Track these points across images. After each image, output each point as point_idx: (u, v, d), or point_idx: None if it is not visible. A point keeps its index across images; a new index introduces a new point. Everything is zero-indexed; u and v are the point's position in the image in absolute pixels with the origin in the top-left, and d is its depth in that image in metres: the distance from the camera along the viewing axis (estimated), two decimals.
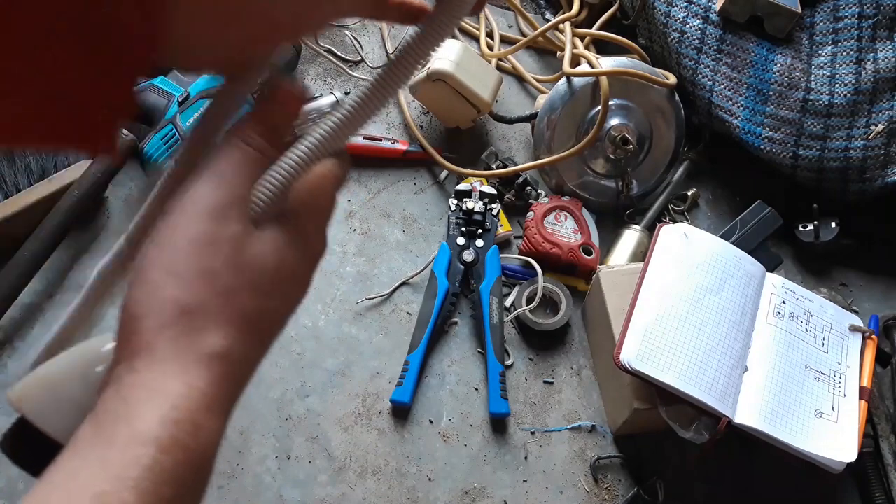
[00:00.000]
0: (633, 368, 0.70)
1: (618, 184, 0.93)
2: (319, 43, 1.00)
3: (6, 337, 0.76)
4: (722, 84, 0.92)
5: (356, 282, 0.86)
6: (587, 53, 0.92)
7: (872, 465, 0.80)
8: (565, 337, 0.87)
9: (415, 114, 0.98)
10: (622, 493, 0.78)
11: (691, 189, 0.97)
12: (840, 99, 0.89)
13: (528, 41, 1.01)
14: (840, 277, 0.96)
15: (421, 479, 0.76)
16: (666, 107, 0.92)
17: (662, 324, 0.73)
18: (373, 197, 0.92)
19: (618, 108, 0.90)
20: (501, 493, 0.77)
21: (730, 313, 0.76)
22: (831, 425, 0.73)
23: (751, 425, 0.71)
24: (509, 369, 0.83)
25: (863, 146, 0.89)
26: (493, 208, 0.89)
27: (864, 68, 0.89)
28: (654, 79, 0.90)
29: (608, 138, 0.90)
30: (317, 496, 0.74)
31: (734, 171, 0.99)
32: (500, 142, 0.98)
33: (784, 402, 0.73)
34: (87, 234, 0.82)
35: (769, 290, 0.80)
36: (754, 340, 0.77)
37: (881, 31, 0.90)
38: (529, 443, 0.80)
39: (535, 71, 1.05)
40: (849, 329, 0.81)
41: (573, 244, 0.88)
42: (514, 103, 1.02)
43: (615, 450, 0.80)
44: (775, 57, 0.92)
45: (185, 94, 0.86)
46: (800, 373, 0.76)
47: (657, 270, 0.77)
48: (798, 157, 0.90)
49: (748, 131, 0.91)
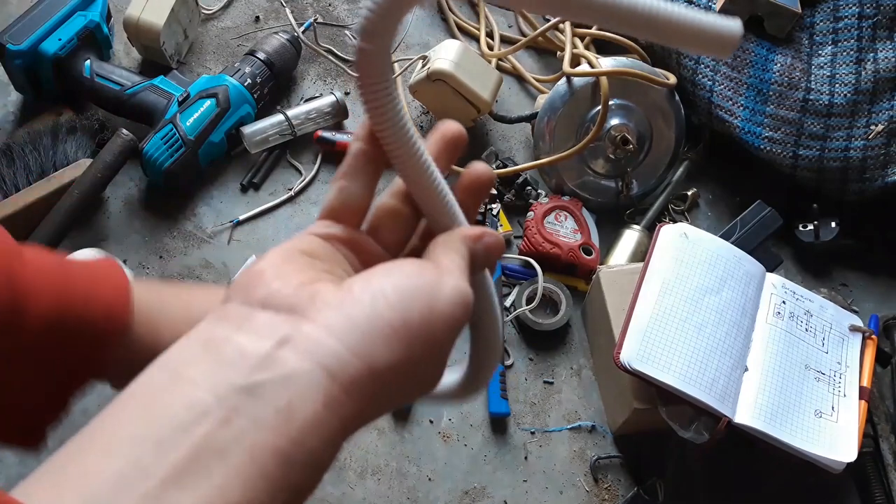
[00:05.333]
0: (633, 368, 0.70)
1: (618, 184, 0.93)
2: (319, 43, 1.00)
3: None
4: (722, 84, 0.92)
5: None
6: (587, 53, 0.92)
7: (872, 465, 0.80)
8: (565, 337, 0.87)
9: (415, 114, 0.98)
10: (622, 493, 0.78)
11: (691, 189, 0.97)
12: (840, 99, 0.89)
13: (528, 41, 1.01)
14: (840, 277, 0.96)
15: (421, 479, 0.76)
16: (666, 107, 0.92)
17: (662, 324, 0.73)
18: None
19: (618, 108, 0.90)
20: (501, 493, 0.77)
21: (730, 313, 0.76)
22: (831, 425, 0.73)
23: (751, 425, 0.71)
24: (509, 369, 0.83)
25: (863, 146, 0.89)
26: (493, 208, 0.89)
27: (864, 68, 0.89)
28: (654, 79, 0.90)
29: (608, 138, 0.90)
30: (316, 496, 0.73)
31: (734, 171, 0.99)
32: (500, 142, 0.98)
33: (784, 401, 0.73)
34: (87, 234, 0.82)
35: (769, 290, 0.80)
36: (754, 340, 0.77)
37: (881, 31, 0.90)
38: (529, 443, 0.80)
39: (535, 71, 1.05)
40: (849, 329, 0.81)
41: (573, 244, 0.88)
42: (514, 103, 1.02)
43: (615, 450, 0.80)
44: (775, 57, 0.92)
45: (185, 93, 0.86)
46: (800, 373, 0.76)
47: (657, 270, 0.77)
48: (798, 156, 0.90)
49: (748, 131, 0.91)
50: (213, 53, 0.98)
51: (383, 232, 0.34)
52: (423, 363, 0.28)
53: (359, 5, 1.05)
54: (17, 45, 0.82)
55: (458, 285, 0.29)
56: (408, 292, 0.28)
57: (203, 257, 0.84)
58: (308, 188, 0.91)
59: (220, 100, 0.86)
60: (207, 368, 0.26)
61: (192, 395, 0.25)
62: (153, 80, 0.87)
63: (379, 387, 0.27)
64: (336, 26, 1.03)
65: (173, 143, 0.83)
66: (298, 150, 0.93)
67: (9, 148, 0.81)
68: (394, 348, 0.27)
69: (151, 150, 0.82)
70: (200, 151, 0.85)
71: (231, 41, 0.99)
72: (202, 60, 0.97)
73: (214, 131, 0.86)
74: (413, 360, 0.27)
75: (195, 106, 0.85)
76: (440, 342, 0.28)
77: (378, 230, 0.34)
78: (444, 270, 0.29)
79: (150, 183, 0.86)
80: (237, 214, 0.87)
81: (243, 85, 0.88)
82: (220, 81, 0.87)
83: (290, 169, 0.92)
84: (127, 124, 0.86)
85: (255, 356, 0.26)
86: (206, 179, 0.89)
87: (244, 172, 0.90)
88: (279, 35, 0.94)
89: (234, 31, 1.00)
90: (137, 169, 0.85)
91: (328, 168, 0.92)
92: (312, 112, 0.92)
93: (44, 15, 0.84)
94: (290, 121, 0.90)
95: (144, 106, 0.86)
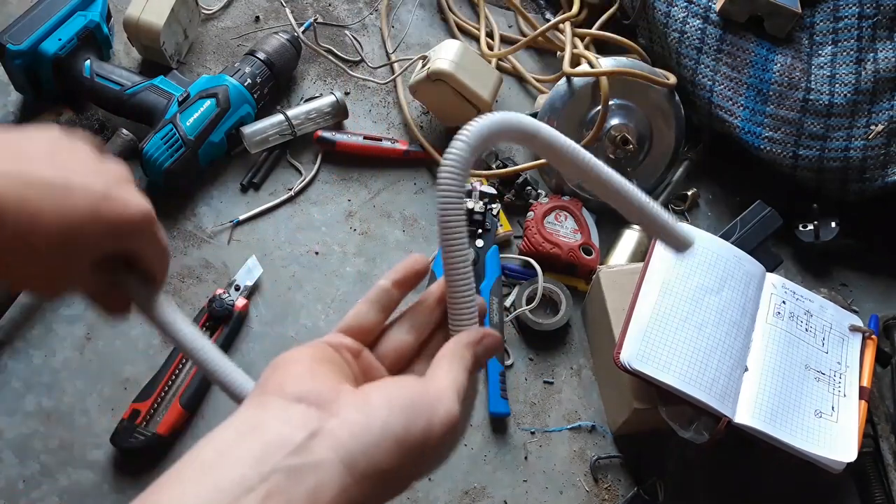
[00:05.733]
0: (633, 368, 0.70)
1: None
2: (319, 43, 1.00)
3: (6, 337, 0.76)
4: (722, 84, 0.92)
5: (356, 282, 0.86)
6: (587, 53, 0.92)
7: (872, 465, 0.80)
8: (565, 337, 0.87)
9: (415, 114, 0.98)
10: (622, 493, 0.78)
11: (691, 189, 0.97)
12: (840, 99, 0.89)
13: (528, 41, 1.01)
14: (840, 277, 0.96)
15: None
16: (666, 107, 0.92)
17: (662, 324, 0.73)
18: (373, 197, 0.92)
19: (618, 108, 0.90)
20: (501, 493, 0.77)
21: (730, 313, 0.76)
22: (831, 425, 0.73)
23: (751, 425, 0.71)
24: (509, 369, 0.83)
25: (863, 146, 0.89)
26: (493, 208, 0.89)
27: (864, 68, 0.89)
28: (654, 79, 0.90)
29: (608, 138, 0.90)
30: None
31: (734, 171, 0.99)
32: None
33: (784, 401, 0.73)
34: None
35: (769, 290, 0.80)
36: (754, 340, 0.77)
37: (881, 31, 0.90)
38: (529, 443, 0.80)
39: (535, 71, 1.05)
40: (849, 329, 0.81)
41: (573, 244, 0.88)
42: (514, 103, 1.02)
43: (615, 450, 0.80)
44: (775, 57, 0.92)
45: (185, 93, 0.86)
46: (800, 373, 0.76)
47: (657, 270, 0.77)
48: (798, 156, 0.90)
49: (748, 131, 0.91)
50: (213, 53, 0.98)
51: (385, 352, 0.42)
52: (415, 470, 0.36)
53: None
54: (17, 45, 0.82)
55: (450, 411, 0.35)
56: (412, 410, 0.34)
57: (203, 257, 0.84)
58: (308, 188, 0.91)
59: (220, 100, 0.86)
60: (255, 446, 0.31)
61: (240, 472, 0.30)
62: (153, 80, 0.87)
63: (378, 481, 0.33)
64: (336, 26, 1.03)
65: (173, 143, 0.83)
66: (298, 150, 0.93)
67: None
68: (393, 458, 0.33)
69: (151, 149, 0.82)
70: (200, 151, 0.85)
71: (231, 41, 0.99)
72: (202, 60, 0.97)
73: (214, 131, 0.86)
74: (406, 467, 0.34)
75: (195, 106, 0.85)
76: (430, 457, 0.35)
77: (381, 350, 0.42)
78: (441, 395, 0.36)
79: (150, 183, 0.86)
80: (237, 214, 0.87)
81: (243, 85, 0.88)
82: (220, 81, 0.87)
83: (290, 169, 0.92)
84: (127, 124, 0.86)
85: (292, 443, 0.31)
86: (206, 179, 0.89)
87: (244, 172, 0.90)
88: (279, 35, 0.94)
89: (234, 31, 1.00)
90: (137, 169, 0.85)
91: (328, 168, 0.92)
92: (312, 112, 0.92)
93: (44, 15, 0.84)
94: (290, 121, 0.90)
95: (144, 106, 0.86)
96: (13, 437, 0.72)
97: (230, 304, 0.79)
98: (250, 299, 0.82)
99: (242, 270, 0.82)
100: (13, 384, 0.74)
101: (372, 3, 1.06)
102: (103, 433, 0.73)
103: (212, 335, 0.78)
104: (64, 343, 0.77)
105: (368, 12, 1.05)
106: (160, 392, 0.74)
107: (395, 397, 0.35)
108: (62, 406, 0.74)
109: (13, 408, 0.73)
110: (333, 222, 0.89)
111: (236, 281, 0.82)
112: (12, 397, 0.74)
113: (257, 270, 0.83)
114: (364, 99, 0.98)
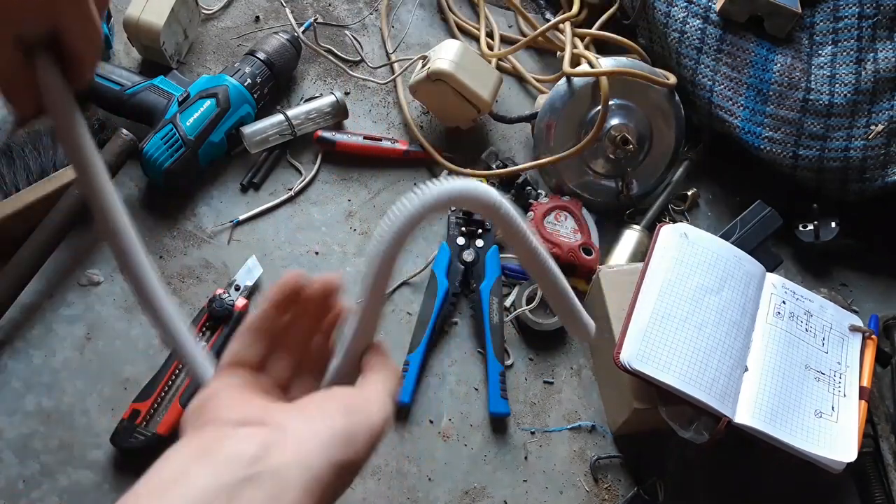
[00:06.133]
0: (633, 368, 0.70)
1: (618, 184, 0.93)
2: (319, 43, 1.00)
3: (6, 337, 0.76)
4: (722, 84, 0.92)
5: (356, 282, 0.86)
6: (587, 53, 0.92)
7: (872, 465, 0.80)
8: (565, 337, 0.87)
9: (415, 114, 0.98)
10: (622, 493, 0.78)
11: (691, 189, 0.97)
12: (840, 99, 0.89)
13: (528, 41, 1.01)
14: (840, 277, 0.96)
15: (421, 479, 0.76)
16: (666, 107, 0.92)
17: (662, 324, 0.73)
18: (373, 197, 0.92)
19: (618, 108, 0.90)
20: (501, 493, 0.77)
21: (730, 313, 0.76)
22: (831, 425, 0.73)
23: (751, 425, 0.71)
24: (509, 369, 0.83)
25: (863, 146, 0.89)
26: None
27: (864, 68, 0.89)
28: (654, 79, 0.90)
29: (608, 138, 0.90)
30: None
31: (734, 171, 0.99)
32: (500, 142, 0.98)
33: (784, 401, 0.73)
34: (87, 234, 0.82)
35: (769, 290, 0.80)
36: (754, 340, 0.77)
37: (881, 31, 0.90)
38: (529, 443, 0.80)
39: (535, 71, 1.05)
40: (849, 329, 0.81)
41: (573, 244, 0.88)
42: (514, 103, 1.02)
43: (615, 450, 0.80)
44: (775, 57, 0.92)
45: (185, 93, 0.86)
46: (800, 373, 0.76)
47: (657, 270, 0.77)
48: (798, 157, 0.90)
49: (748, 131, 0.91)
50: (213, 53, 0.98)
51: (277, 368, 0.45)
52: (360, 459, 0.38)
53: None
54: None
55: (383, 407, 0.39)
56: (351, 409, 0.38)
57: (203, 257, 0.84)
58: (308, 188, 0.91)
59: (220, 100, 0.86)
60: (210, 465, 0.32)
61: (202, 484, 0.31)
62: (153, 80, 0.87)
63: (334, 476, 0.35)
64: (336, 26, 1.03)
65: (173, 143, 0.83)
66: (298, 150, 0.93)
67: (9, 148, 0.81)
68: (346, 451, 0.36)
69: (151, 150, 0.82)
70: (200, 151, 0.85)
71: (231, 41, 0.99)
72: (202, 60, 0.97)
73: (214, 131, 0.86)
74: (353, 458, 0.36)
75: (195, 106, 0.85)
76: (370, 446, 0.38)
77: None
78: (373, 398, 0.40)
79: (150, 183, 0.86)
80: (237, 214, 0.87)
81: (243, 85, 0.88)
82: (220, 81, 0.87)
83: (290, 169, 0.92)
84: (127, 124, 0.86)
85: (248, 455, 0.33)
86: (206, 179, 0.89)
87: (244, 172, 0.90)
88: (279, 35, 0.94)
89: (234, 31, 1.00)
90: (137, 169, 0.85)
91: (328, 168, 0.92)
92: (312, 112, 0.92)
93: None
94: (290, 121, 0.90)
95: (144, 106, 0.86)
96: (13, 437, 0.72)
97: (230, 305, 0.79)
98: (250, 299, 0.82)
99: (242, 270, 0.82)
100: (13, 384, 0.74)
101: (372, 3, 1.06)
102: (103, 433, 0.73)
103: (212, 335, 0.78)
104: (64, 343, 0.77)
105: (368, 12, 1.05)
106: (160, 392, 0.74)
107: (330, 403, 0.38)
108: (62, 406, 0.74)
109: (13, 408, 0.73)
110: (333, 222, 0.89)
111: (236, 281, 0.82)
112: (12, 397, 0.74)
113: (257, 270, 0.83)
114: (364, 99, 0.98)
